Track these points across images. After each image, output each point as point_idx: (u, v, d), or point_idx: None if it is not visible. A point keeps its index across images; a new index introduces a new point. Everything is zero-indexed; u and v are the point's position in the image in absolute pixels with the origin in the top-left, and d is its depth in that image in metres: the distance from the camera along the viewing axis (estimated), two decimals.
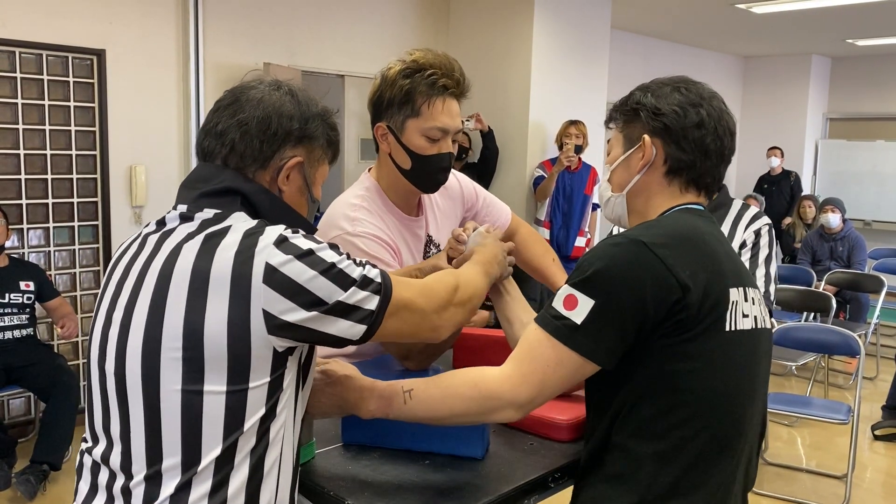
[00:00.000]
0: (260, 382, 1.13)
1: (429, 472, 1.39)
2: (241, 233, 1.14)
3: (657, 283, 1.23)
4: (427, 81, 1.74)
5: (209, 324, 1.09)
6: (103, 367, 1.18)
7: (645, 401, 1.27)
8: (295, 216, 1.27)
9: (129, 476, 1.14)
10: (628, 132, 1.43)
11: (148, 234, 1.24)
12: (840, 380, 5.77)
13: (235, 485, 1.13)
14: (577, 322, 1.24)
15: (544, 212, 5.60)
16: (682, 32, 7.86)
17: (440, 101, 1.75)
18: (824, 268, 6.15)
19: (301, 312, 1.11)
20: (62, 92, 4.18)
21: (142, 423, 1.13)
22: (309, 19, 5.19)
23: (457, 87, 1.77)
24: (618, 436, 1.30)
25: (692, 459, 1.27)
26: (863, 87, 9.22)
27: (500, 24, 5.72)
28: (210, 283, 1.11)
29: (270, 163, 1.24)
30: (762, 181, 8.31)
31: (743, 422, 1.32)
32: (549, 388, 1.28)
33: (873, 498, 3.89)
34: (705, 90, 1.40)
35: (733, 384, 1.30)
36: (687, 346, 1.25)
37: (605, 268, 1.25)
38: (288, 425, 1.20)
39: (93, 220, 4.37)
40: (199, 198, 1.21)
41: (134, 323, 1.15)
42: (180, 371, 1.11)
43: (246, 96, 1.25)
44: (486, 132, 5.65)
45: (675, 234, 1.30)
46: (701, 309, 1.24)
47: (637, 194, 1.43)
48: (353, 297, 1.15)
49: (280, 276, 1.10)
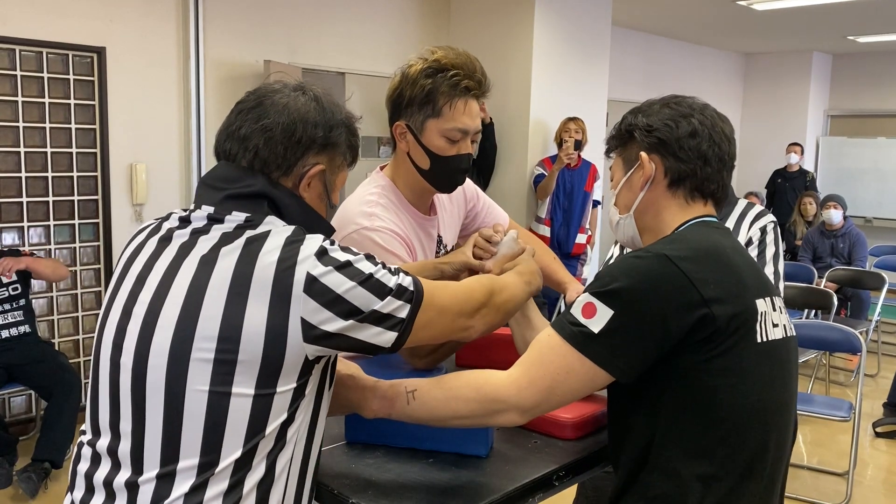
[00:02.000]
0: (286, 388, 1.14)
1: (433, 470, 1.38)
2: (283, 239, 1.15)
3: (681, 299, 1.22)
4: (450, 82, 1.72)
5: (248, 326, 1.10)
6: (117, 362, 1.17)
7: (685, 420, 1.25)
8: (319, 221, 1.27)
9: (139, 472, 1.13)
10: (626, 154, 1.44)
11: (173, 230, 1.22)
12: (841, 377, 5.76)
13: (250, 484, 1.13)
14: (595, 330, 1.23)
15: (545, 209, 5.59)
16: (683, 29, 7.85)
17: (462, 103, 1.73)
18: (825, 265, 6.15)
19: (338, 322, 1.13)
20: (62, 90, 4.17)
21: (159, 422, 1.12)
22: (309, 17, 5.18)
23: (479, 88, 1.76)
24: (658, 456, 1.27)
25: (739, 474, 1.25)
26: (864, 84, 9.21)
27: (501, 21, 5.71)
28: (251, 287, 1.11)
29: (294, 170, 1.24)
30: (777, 175, 8.22)
31: (780, 431, 1.31)
32: (557, 395, 1.27)
33: (875, 495, 3.89)
34: (696, 103, 1.41)
35: (769, 395, 1.29)
36: (718, 360, 1.23)
37: (627, 280, 1.23)
38: (302, 428, 1.20)
39: (93, 218, 4.37)
40: (225, 200, 1.20)
41: (162, 321, 1.14)
42: (209, 372, 1.11)
43: (270, 100, 1.24)
44: (488, 123, 5.64)
45: (698, 248, 1.29)
46: (730, 323, 1.23)
47: (644, 212, 1.42)
48: (388, 307, 1.17)
49: (320, 287, 1.12)
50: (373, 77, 5.57)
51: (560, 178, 5.48)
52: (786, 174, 8.15)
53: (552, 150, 5.70)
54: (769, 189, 8.25)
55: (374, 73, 5.57)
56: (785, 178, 8.13)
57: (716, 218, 1.42)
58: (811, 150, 9.29)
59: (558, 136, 5.55)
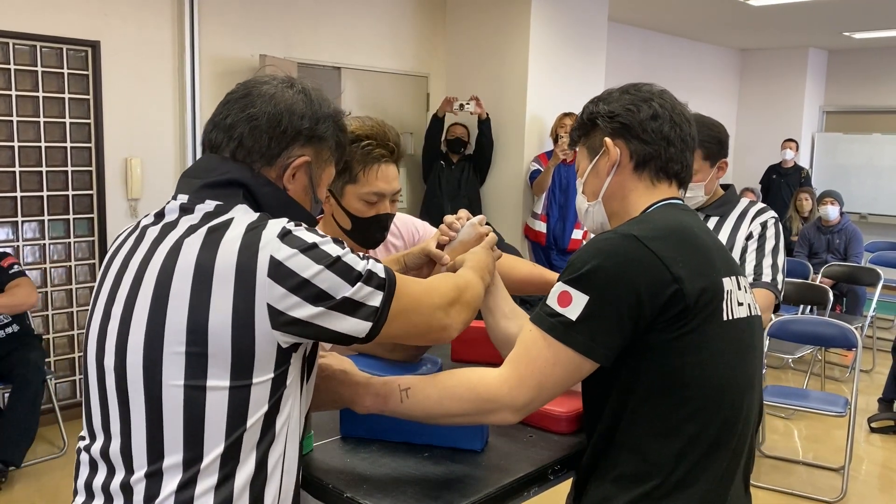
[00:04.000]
0: (263, 378, 1.12)
1: (428, 464, 1.38)
2: (244, 226, 1.13)
3: (652, 277, 1.23)
4: (363, 151, 1.84)
5: (213, 319, 1.08)
6: (102, 363, 1.17)
7: (654, 398, 1.26)
8: (298, 209, 1.25)
9: (131, 471, 1.13)
10: (590, 143, 1.46)
11: (146, 227, 1.21)
12: (837, 372, 5.78)
13: (241, 479, 1.12)
14: (573, 318, 1.24)
15: (541, 205, 5.60)
16: (679, 25, 7.85)
17: (375, 168, 1.85)
18: (821, 261, 6.15)
19: (307, 308, 1.10)
20: (57, 84, 4.15)
21: (143, 420, 1.12)
22: (305, 11, 5.16)
23: (391, 155, 1.88)
24: (627, 435, 1.29)
25: (704, 451, 1.26)
26: (859, 81, 9.21)
27: (498, 15, 5.70)
28: (214, 277, 1.09)
29: (277, 160, 1.23)
30: (771, 171, 8.24)
31: (745, 408, 1.33)
32: (547, 389, 1.27)
33: (870, 490, 3.89)
34: (654, 88, 1.44)
35: (735, 372, 1.31)
36: (687, 338, 1.24)
37: (598, 263, 1.24)
38: (292, 421, 1.18)
39: (88, 213, 4.35)
40: (201, 188, 1.19)
41: (135, 318, 1.13)
42: (183, 366, 1.09)
43: (258, 91, 1.24)
44: (484, 119, 5.64)
45: (665, 227, 1.31)
46: (697, 301, 1.24)
47: (612, 197, 1.44)
48: (359, 293, 1.14)
49: (285, 270, 1.09)
50: (368, 72, 5.56)
51: (556, 173, 5.49)
52: (780, 170, 8.16)
53: (548, 145, 5.70)
54: (763, 184, 8.26)
55: (370, 69, 5.56)
56: (780, 174, 8.14)
57: (681, 200, 1.44)
58: (807, 146, 9.29)
59: (554, 132, 5.56)
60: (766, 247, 2.27)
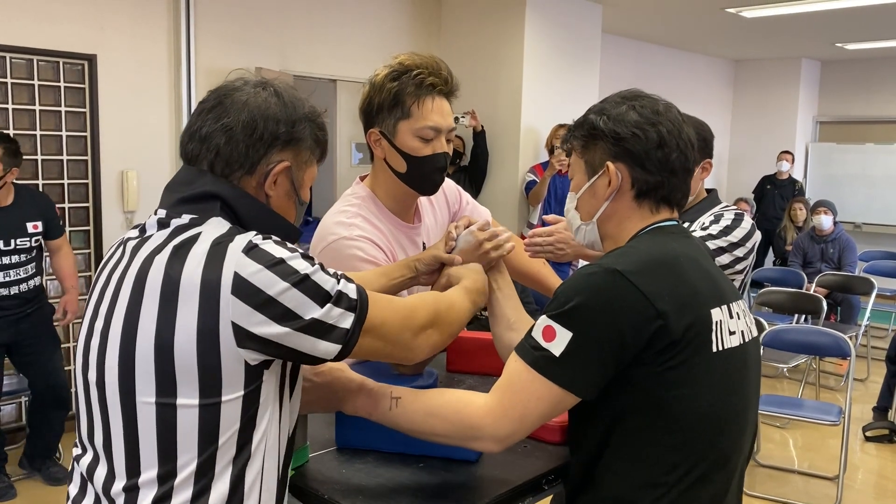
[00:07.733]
0: (233, 396, 1.10)
1: (423, 475, 1.39)
2: (211, 240, 1.11)
3: (635, 313, 1.21)
4: (415, 82, 1.73)
5: (179, 336, 1.07)
6: (86, 377, 1.17)
7: (638, 430, 1.25)
8: (278, 221, 1.24)
9: (111, 483, 1.13)
10: (588, 158, 1.40)
11: (128, 240, 1.21)
12: (831, 381, 5.79)
13: (217, 495, 1.11)
14: (556, 354, 1.22)
15: (537, 216, 5.61)
16: (673, 36, 7.89)
17: (430, 100, 1.74)
18: (815, 270, 6.18)
19: (273, 326, 1.08)
20: (53, 97, 4.16)
21: (121, 436, 1.12)
22: (301, 23, 5.19)
23: (445, 85, 1.77)
24: (611, 461, 1.28)
25: (691, 482, 1.25)
26: (852, 91, 9.26)
27: (492, 28, 5.73)
28: (180, 294, 1.08)
29: (257, 168, 1.21)
30: (766, 181, 8.24)
31: (737, 438, 1.32)
32: (529, 421, 1.26)
33: (865, 499, 3.90)
34: (660, 103, 1.37)
35: (726, 404, 1.29)
36: (673, 372, 1.23)
37: (581, 300, 1.23)
38: (270, 437, 1.16)
39: (84, 225, 4.36)
40: (177, 203, 1.18)
41: (111, 334, 1.13)
42: (154, 384, 1.09)
43: (231, 99, 1.22)
44: (479, 132, 5.66)
45: (649, 259, 1.28)
46: (684, 335, 1.22)
47: (608, 219, 1.40)
48: (329, 315, 1.12)
49: (249, 287, 1.07)
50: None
51: (551, 184, 5.50)
52: (775, 181, 8.18)
53: (543, 156, 5.72)
54: (757, 195, 8.28)
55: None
56: (774, 185, 8.17)
57: (676, 221, 1.40)
58: (800, 156, 9.32)
59: (549, 143, 5.58)
60: (711, 229, 2.19)
